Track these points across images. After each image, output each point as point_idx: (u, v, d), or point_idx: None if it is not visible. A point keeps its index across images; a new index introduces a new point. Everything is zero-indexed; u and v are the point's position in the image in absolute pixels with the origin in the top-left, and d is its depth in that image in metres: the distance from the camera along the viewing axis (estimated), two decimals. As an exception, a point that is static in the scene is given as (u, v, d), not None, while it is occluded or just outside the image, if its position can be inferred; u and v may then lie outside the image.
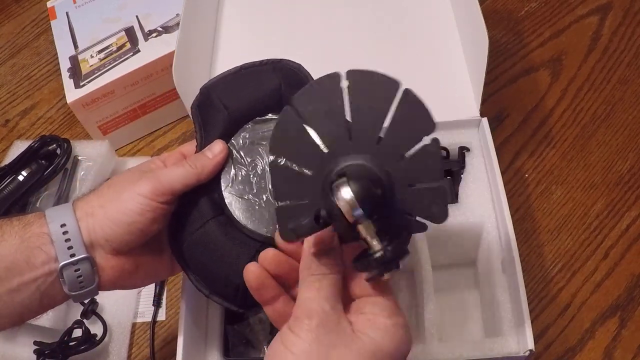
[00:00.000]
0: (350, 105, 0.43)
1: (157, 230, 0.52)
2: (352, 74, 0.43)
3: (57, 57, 0.88)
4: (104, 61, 0.85)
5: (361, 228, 0.41)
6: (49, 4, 0.95)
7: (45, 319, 0.69)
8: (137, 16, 0.89)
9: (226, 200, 0.52)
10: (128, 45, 0.86)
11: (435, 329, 0.60)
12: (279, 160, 0.44)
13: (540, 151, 0.80)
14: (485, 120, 0.69)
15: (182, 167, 0.52)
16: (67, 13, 0.93)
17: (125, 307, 0.74)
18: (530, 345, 0.56)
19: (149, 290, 0.75)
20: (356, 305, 0.45)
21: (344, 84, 0.43)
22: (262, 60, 0.57)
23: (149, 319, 0.74)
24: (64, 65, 0.87)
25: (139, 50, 0.85)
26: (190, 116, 0.57)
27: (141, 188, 0.50)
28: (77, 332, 0.69)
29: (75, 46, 0.88)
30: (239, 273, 0.48)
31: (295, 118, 0.43)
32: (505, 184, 0.65)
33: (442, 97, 0.73)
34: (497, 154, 0.66)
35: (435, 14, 0.82)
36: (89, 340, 0.68)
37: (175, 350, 0.58)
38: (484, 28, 0.65)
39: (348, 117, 0.43)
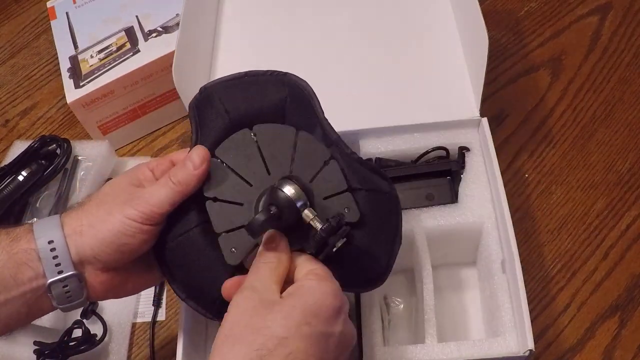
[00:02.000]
0: (262, 150, 0.53)
1: (148, 249, 0.52)
2: (257, 128, 0.54)
3: (57, 57, 0.88)
4: (104, 61, 0.85)
5: (305, 214, 0.49)
6: (49, 4, 0.95)
7: (46, 319, 0.69)
8: (137, 16, 0.89)
9: (208, 209, 0.53)
10: (128, 45, 0.86)
11: (435, 329, 0.60)
12: (214, 199, 0.52)
13: (540, 151, 0.80)
14: (485, 120, 0.69)
15: (166, 187, 0.51)
16: (67, 13, 0.93)
17: (125, 307, 0.74)
18: (530, 345, 0.56)
19: (149, 290, 0.75)
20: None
21: (252, 136, 0.54)
22: (267, 71, 0.57)
23: (149, 319, 0.74)
24: (64, 65, 0.87)
25: (139, 50, 0.85)
26: (188, 115, 0.57)
27: (129, 213, 0.50)
28: (77, 332, 0.69)
29: (75, 46, 0.88)
30: (217, 286, 0.50)
31: (222, 166, 0.53)
32: (505, 184, 0.65)
33: (442, 97, 0.74)
34: (497, 154, 0.66)
35: (435, 14, 0.82)
36: (89, 340, 0.68)
37: (175, 350, 0.58)
38: (484, 28, 0.65)
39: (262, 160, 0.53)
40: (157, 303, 0.74)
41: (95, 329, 0.70)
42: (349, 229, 0.49)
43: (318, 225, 0.48)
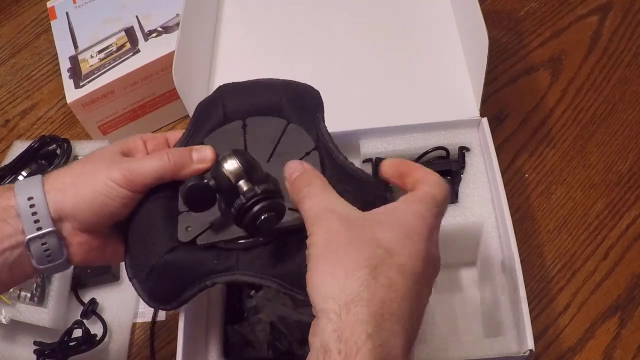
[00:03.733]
0: (247, 139, 0.54)
1: (127, 214, 0.52)
2: (250, 120, 0.55)
3: (57, 57, 0.88)
4: (104, 61, 0.85)
5: (240, 185, 0.46)
6: (49, 4, 0.95)
7: (46, 319, 0.69)
8: (137, 16, 0.89)
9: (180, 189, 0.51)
10: (128, 45, 0.86)
11: (435, 329, 0.60)
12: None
13: (540, 151, 0.80)
14: (485, 120, 0.69)
15: (159, 159, 0.51)
16: (67, 13, 0.93)
17: (125, 307, 0.74)
18: (530, 345, 0.56)
19: (149, 290, 0.75)
20: None
21: (242, 127, 0.55)
22: (280, 79, 0.58)
23: (149, 319, 0.74)
24: (64, 65, 0.87)
25: (139, 51, 0.85)
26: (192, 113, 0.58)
27: (113, 175, 0.49)
28: (77, 332, 0.69)
29: (75, 46, 0.89)
30: (155, 257, 0.50)
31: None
32: (505, 184, 0.65)
33: (442, 97, 0.74)
34: (497, 154, 0.66)
35: (435, 14, 0.82)
36: (89, 340, 0.68)
37: (175, 350, 0.58)
38: (484, 28, 0.65)
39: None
40: (157, 303, 0.74)
41: (95, 329, 0.70)
42: (284, 206, 0.46)
43: (244, 191, 0.46)
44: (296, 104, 0.56)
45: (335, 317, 0.38)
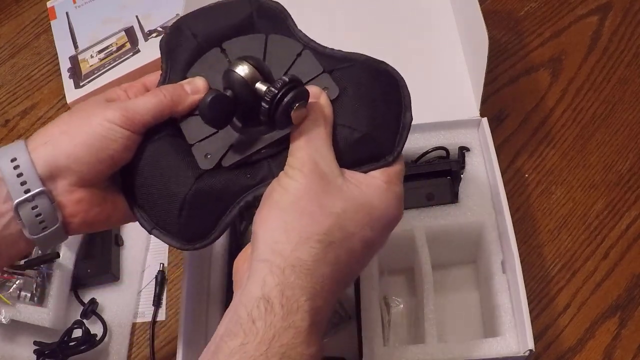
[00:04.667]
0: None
1: (128, 159, 0.48)
2: (227, 44, 0.52)
3: (57, 57, 0.88)
4: (104, 61, 0.85)
5: (258, 87, 0.45)
6: (49, 4, 0.95)
7: (46, 319, 0.69)
8: (137, 16, 0.89)
9: (181, 126, 0.50)
10: (128, 45, 0.86)
11: (435, 329, 0.60)
12: (187, 116, 0.49)
13: (540, 151, 0.80)
14: (485, 120, 0.69)
15: (154, 96, 0.48)
16: (67, 13, 0.93)
17: (125, 307, 0.74)
18: (530, 345, 0.56)
19: (149, 290, 0.75)
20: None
21: (222, 53, 0.52)
22: None
23: (149, 319, 0.74)
24: (64, 65, 0.87)
25: (139, 51, 0.85)
26: (160, 53, 0.55)
27: (110, 115, 0.46)
28: (77, 332, 0.69)
29: (75, 46, 0.89)
30: (185, 185, 0.47)
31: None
32: (505, 184, 0.65)
33: (442, 97, 0.74)
34: (497, 154, 0.66)
35: (435, 14, 0.82)
36: (89, 340, 0.69)
37: (175, 350, 0.58)
38: (484, 28, 0.65)
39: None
40: (157, 303, 0.74)
41: (95, 329, 0.70)
42: (305, 91, 0.44)
43: (270, 88, 0.43)
44: (266, 16, 0.54)
45: (279, 274, 0.41)
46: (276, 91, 0.43)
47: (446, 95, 0.74)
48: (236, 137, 0.48)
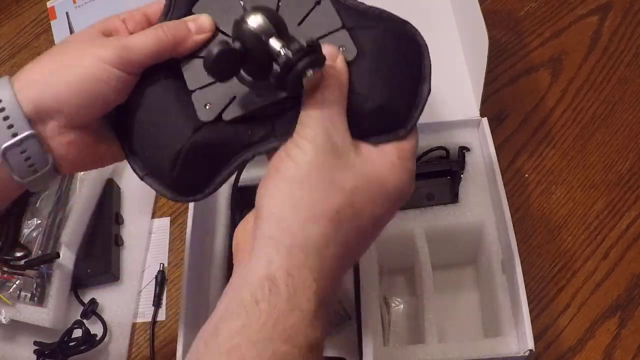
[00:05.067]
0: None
1: (121, 101, 0.45)
2: None
3: (57, 57, 0.87)
4: (104, 61, 0.85)
5: (271, 44, 0.41)
6: (49, 4, 0.95)
7: (46, 319, 0.69)
8: (137, 16, 0.89)
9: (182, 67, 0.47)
10: (128, 45, 0.86)
11: (435, 329, 0.60)
12: (188, 57, 0.46)
13: (540, 151, 0.80)
14: (485, 120, 0.69)
15: (154, 34, 0.44)
16: (67, 13, 0.93)
17: (125, 307, 0.74)
18: (530, 345, 0.56)
19: (149, 290, 0.75)
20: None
21: None
22: None
23: (149, 319, 0.74)
24: (64, 65, 0.87)
25: (139, 50, 0.85)
26: None
27: (104, 54, 0.43)
28: (77, 332, 0.69)
29: (75, 46, 0.88)
30: (179, 143, 0.44)
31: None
32: (505, 184, 0.65)
33: (442, 97, 0.74)
34: (497, 154, 0.66)
35: (435, 14, 0.82)
36: (89, 340, 0.69)
37: (175, 350, 0.58)
38: (484, 28, 0.65)
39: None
40: (157, 303, 0.74)
41: (95, 329, 0.70)
42: (322, 59, 0.41)
43: (284, 49, 0.40)
44: None
45: (285, 253, 0.39)
46: (291, 56, 0.39)
47: (446, 95, 0.74)
48: (241, 89, 0.45)
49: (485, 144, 0.68)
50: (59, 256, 0.71)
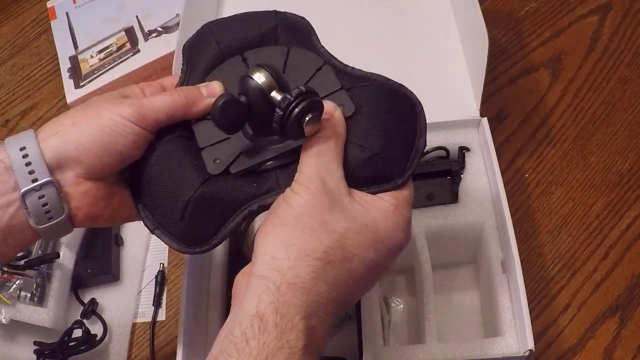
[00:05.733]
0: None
1: (138, 156, 0.48)
2: (248, 53, 0.53)
3: (57, 57, 0.88)
4: (104, 61, 0.85)
5: (273, 96, 0.45)
6: (49, 4, 0.95)
7: (46, 319, 0.69)
8: (137, 16, 0.89)
9: (194, 128, 0.50)
10: (128, 46, 0.86)
11: (435, 329, 0.60)
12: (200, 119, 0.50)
13: (540, 151, 0.80)
14: (485, 120, 0.69)
15: (169, 96, 0.48)
16: (67, 13, 0.93)
17: (125, 307, 0.74)
18: (530, 345, 0.56)
19: (149, 290, 0.75)
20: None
21: (243, 61, 0.52)
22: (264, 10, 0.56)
23: (149, 319, 0.74)
24: (64, 65, 0.87)
25: (139, 50, 0.85)
26: (181, 55, 0.56)
27: (122, 110, 0.46)
28: (77, 332, 0.69)
29: (75, 46, 0.89)
30: (190, 188, 0.46)
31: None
32: (505, 184, 0.65)
33: (442, 97, 0.74)
34: (497, 154, 0.66)
35: (435, 14, 0.82)
36: (89, 340, 0.69)
37: (175, 350, 0.58)
38: (484, 28, 0.65)
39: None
40: (157, 303, 0.74)
41: (95, 329, 0.70)
42: (320, 103, 0.44)
43: (286, 96, 0.43)
44: (291, 30, 0.54)
45: (275, 290, 0.40)
46: (291, 99, 0.42)
47: (446, 95, 0.74)
48: (247, 145, 0.48)
49: (485, 144, 0.68)
50: (59, 256, 0.71)
